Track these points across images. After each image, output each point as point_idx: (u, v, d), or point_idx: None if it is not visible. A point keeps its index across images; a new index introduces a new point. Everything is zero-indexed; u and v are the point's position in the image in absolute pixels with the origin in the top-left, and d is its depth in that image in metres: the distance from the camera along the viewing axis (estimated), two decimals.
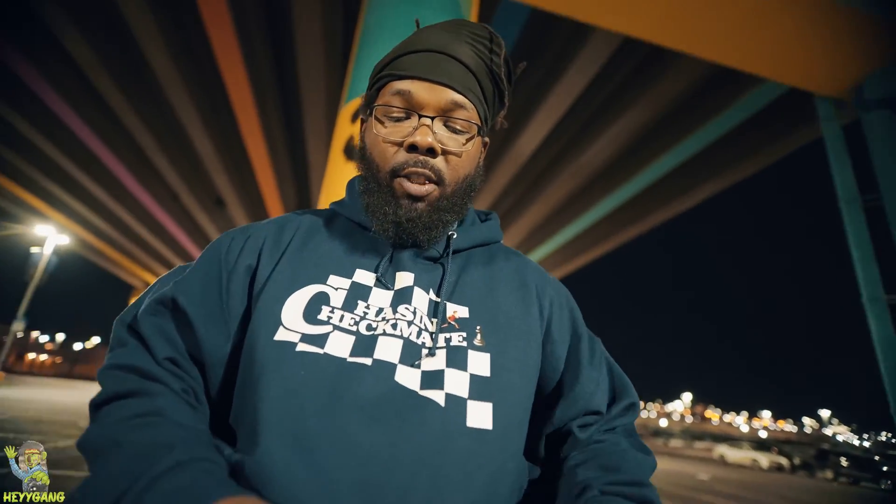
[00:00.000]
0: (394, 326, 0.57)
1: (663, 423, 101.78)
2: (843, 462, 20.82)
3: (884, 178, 4.79)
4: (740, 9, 4.82)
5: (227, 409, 0.57)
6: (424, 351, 0.57)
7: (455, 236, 0.68)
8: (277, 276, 0.61)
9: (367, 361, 0.53)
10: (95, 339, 74.17)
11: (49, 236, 15.32)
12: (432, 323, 0.60)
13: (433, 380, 0.54)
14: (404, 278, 0.62)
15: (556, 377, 0.67)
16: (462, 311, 0.62)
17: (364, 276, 0.62)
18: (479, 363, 0.57)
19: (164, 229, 18.03)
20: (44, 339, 72.96)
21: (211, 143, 11.03)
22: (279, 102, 9.75)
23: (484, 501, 0.50)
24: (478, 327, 0.61)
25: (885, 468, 19.00)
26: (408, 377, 0.54)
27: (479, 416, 0.53)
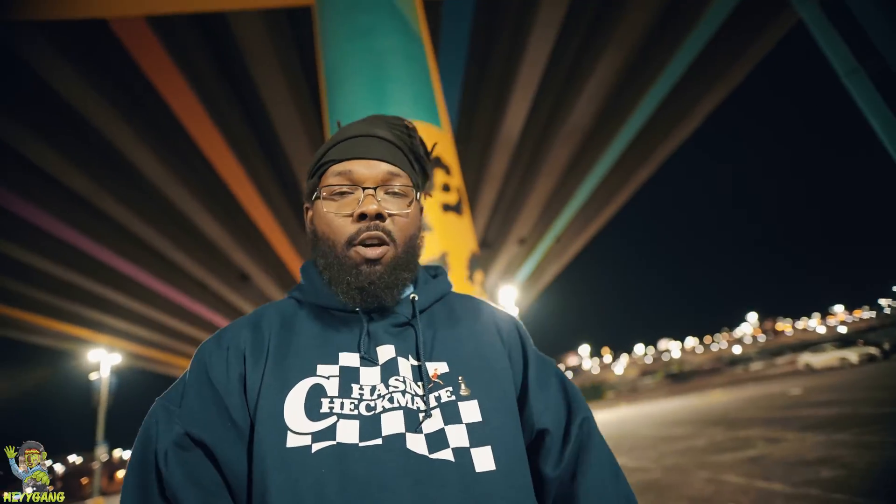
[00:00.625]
0: (390, 400, 0.61)
1: (736, 350, 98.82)
2: None
3: (880, 39, 4.57)
4: None
5: None
6: (422, 415, 0.61)
7: (416, 298, 0.72)
8: (269, 379, 0.63)
9: (378, 441, 0.57)
10: None
11: (102, 360, 15.93)
12: (419, 386, 0.64)
13: (438, 440, 0.59)
14: (386, 351, 0.66)
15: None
16: (442, 367, 0.67)
17: (349, 359, 0.65)
18: (470, 411, 0.62)
19: (201, 318, 18.55)
20: (126, 454, 75.94)
21: (219, 225, 11.33)
22: (269, 166, 9.98)
23: None
24: (460, 378, 0.66)
25: None
26: (417, 443, 0.58)
27: (484, 460, 0.59)
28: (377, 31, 4.15)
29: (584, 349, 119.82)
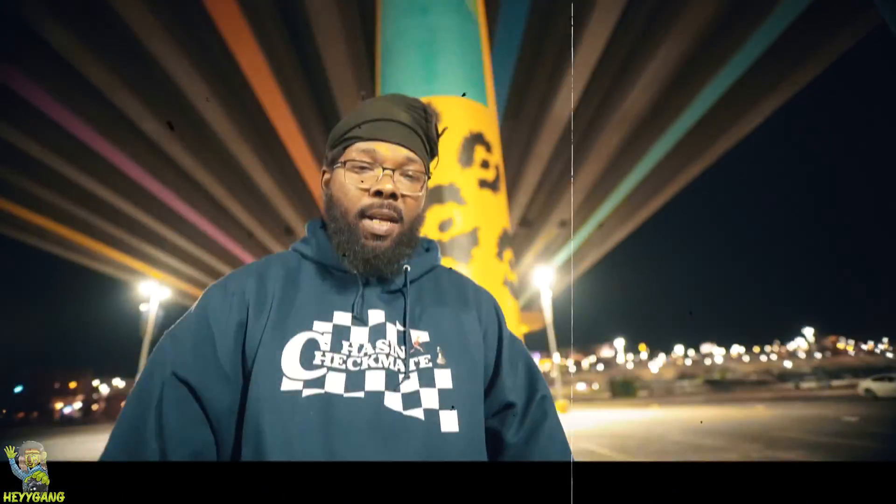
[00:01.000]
0: (375, 360, 0.69)
1: (788, 364, 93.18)
2: None
3: None
4: None
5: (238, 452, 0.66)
6: (401, 376, 0.69)
7: (409, 269, 0.79)
8: (270, 330, 0.69)
9: (360, 394, 0.65)
10: None
11: (152, 293, 17.17)
12: (402, 350, 0.72)
13: (412, 400, 0.67)
14: (376, 315, 0.74)
15: (488, 375, 0.81)
16: (424, 336, 0.75)
17: (342, 318, 0.72)
18: (443, 378, 0.71)
19: (243, 263, 19.75)
20: None
21: (272, 179, 11.97)
22: (323, 129, 10.37)
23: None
24: (438, 348, 0.74)
25: None
26: (393, 401, 0.66)
27: (449, 422, 0.67)
28: (433, 8, 4.27)
29: (619, 342, 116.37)
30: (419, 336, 0.74)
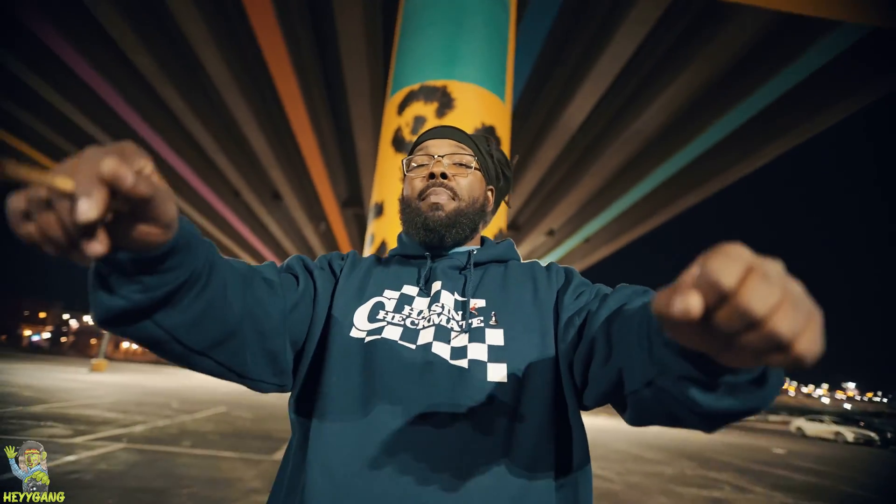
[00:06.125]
0: (428, 320, 0.77)
1: None
2: None
3: None
4: None
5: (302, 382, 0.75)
6: (453, 333, 0.75)
7: (475, 252, 0.89)
8: (351, 294, 0.83)
9: (412, 346, 0.73)
10: None
11: None
12: (458, 314, 0.78)
13: (459, 353, 0.72)
14: (436, 286, 0.82)
15: (576, 325, 0.72)
16: (480, 303, 0.79)
17: (409, 289, 0.84)
18: (495, 336, 0.73)
19: (228, 224, 19.17)
20: None
21: (265, 139, 11.49)
22: (325, 96, 10.00)
23: (506, 441, 0.65)
24: (493, 312, 0.77)
25: None
26: (441, 350, 0.72)
27: (497, 373, 0.69)
28: None
29: None
30: (475, 303, 0.79)
